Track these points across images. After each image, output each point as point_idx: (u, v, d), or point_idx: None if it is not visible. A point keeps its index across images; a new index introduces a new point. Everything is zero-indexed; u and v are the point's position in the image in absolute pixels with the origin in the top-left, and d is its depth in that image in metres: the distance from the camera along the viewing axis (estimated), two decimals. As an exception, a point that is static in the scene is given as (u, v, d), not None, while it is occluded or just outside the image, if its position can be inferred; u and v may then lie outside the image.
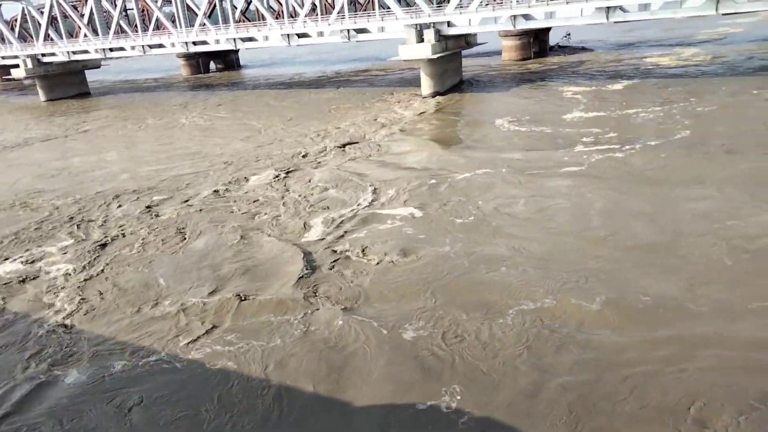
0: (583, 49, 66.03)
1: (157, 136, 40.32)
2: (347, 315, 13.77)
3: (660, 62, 49.49)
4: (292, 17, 53.53)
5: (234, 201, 23.45)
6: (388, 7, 46.90)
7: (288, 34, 51.65)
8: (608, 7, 38.73)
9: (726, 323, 12.21)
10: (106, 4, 63.83)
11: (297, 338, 13.07)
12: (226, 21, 56.82)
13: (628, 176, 21.75)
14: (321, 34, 50.76)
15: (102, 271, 17.81)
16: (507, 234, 17.55)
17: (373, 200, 21.66)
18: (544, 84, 44.92)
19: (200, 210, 22.67)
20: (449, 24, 44.10)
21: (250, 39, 54.68)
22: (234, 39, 55.02)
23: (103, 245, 19.89)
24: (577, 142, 26.85)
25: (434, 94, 43.96)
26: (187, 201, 23.99)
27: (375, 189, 22.89)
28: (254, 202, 23.16)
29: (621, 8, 38.68)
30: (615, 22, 40.77)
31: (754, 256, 14.78)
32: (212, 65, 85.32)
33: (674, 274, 14.27)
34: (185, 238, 19.91)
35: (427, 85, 44.54)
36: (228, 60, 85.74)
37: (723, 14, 37.55)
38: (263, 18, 55.33)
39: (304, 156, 29.95)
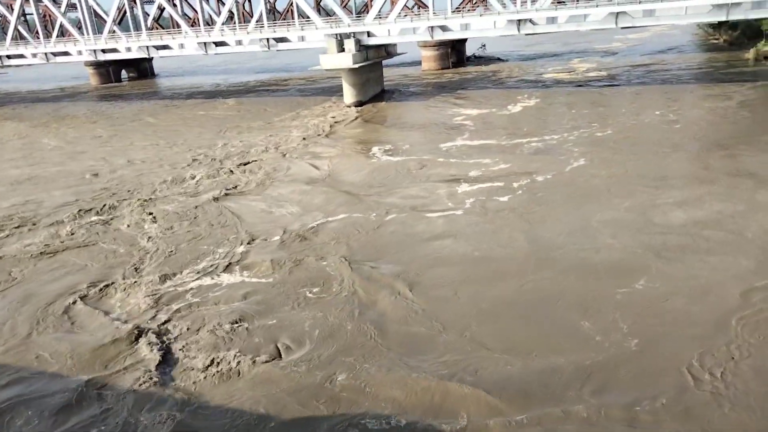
0: (498, 60, 68.99)
1: (23, 155, 35.66)
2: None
3: (562, 78, 50.96)
4: (209, 25, 52.20)
5: (63, 249, 19.38)
6: (308, 17, 46.84)
7: (205, 43, 50.30)
8: (519, 20, 40.70)
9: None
10: (1, 8, 59.48)
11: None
12: (137, 28, 54.48)
13: (504, 222, 18.84)
14: (239, 42, 49.83)
15: None
16: (357, 305, 14.26)
17: (235, 257, 17.61)
18: (458, 97, 45.23)
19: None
20: (369, 34, 44.64)
21: (165, 47, 52.73)
22: (147, 47, 52.85)
23: None
24: (464, 176, 23.93)
25: (357, 104, 44.27)
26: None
27: (243, 240, 18.91)
28: (91, 251, 18.99)
29: (531, 21, 40.78)
30: (526, 35, 42.87)
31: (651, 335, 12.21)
32: (124, 74, 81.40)
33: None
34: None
35: (349, 95, 44.78)
36: (141, 68, 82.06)
37: (622, 28, 40.48)
38: (178, 25, 53.56)
39: (192, 179, 26.67)
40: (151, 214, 22.26)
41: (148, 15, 55.19)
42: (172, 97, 58.87)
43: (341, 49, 43.74)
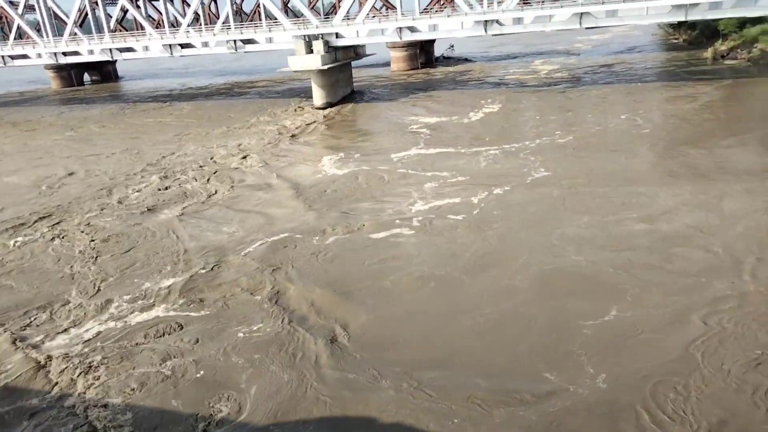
0: (466, 60, 69.68)
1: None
2: None
3: (526, 80, 50.52)
4: (174, 27, 51.30)
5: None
6: (275, 18, 46.43)
7: (170, 45, 49.43)
8: (486, 21, 41.15)
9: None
10: (-45, 11, 57.40)
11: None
12: (100, 30, 53.22)
13: (461, 242, 17.48)
14: (206, 44, 49.12)
15: None
16: (299, 348, 12.97)
17: (170, 288, 16.13)
18: (425, 99, 45.12)
19: None
20: (338, 35, 44.54)
21: (129, 49, 51.65)
22: (110, 49, 51.67)
23: None
24: (420, 190, 22.61)
25: (327, 105, 44.12)
26: None
27: (181, 267, 17.46)
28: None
29: (498, 22, 41.26)
30: (493, 35, 43.35)
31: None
32: (87, 77, 79.42)
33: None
34: None
35: (319, 96, 44.59)
36: (105, 72, 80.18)
37: (586, 28, 41.28)
38: (142, 27, 52.51)
39: (138, 193, 25.16)
40: (88, 235, 20.65)
41: (111, 17, 54.00)
42: (134, 101, 57.44)
43: (309, 51, 43.53)
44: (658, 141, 27.21)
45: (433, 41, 67.23)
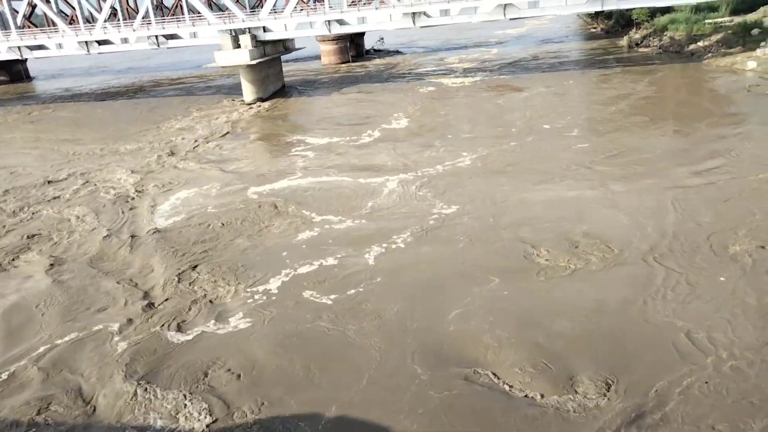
0: (396, 52, 70.15)
1: None
2: None
3: (449, 76, 48.60)
4: (90, 22, 48.60)
5: None
6: (199, 12, 44.93)
7: (87, 41, 46.85)
8: (414, 13, 41.53)
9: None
10: None
11: None
12: (5, 27, 49.68)
13: (328, 338, 12.72)
14: (125, 40, 46.88)
15: None
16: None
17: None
18: (349, 101, 44.24)
19: None
20: (265, 29, 43.68)
21: (41, 47, 48.56)
22: (19, 47, 48.39)
23: None
24: (294, 243, 17.84)
25: (257, 100, 43.30)
26: None
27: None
28: None
29: (425, 14, 41.74)
30: (421, 27, 43.79)
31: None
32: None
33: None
34: None
35: (249, 92, 43.66)
36: (14, 71, 74.75)
37: (510, 19, 42.45)
38: (54, 24, 49.38)
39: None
40: None
41: (17, 12, 50.41)
42: (44, 102, 53.55)
43: (237, 45, 42.53)
44: (590, 161, 23.26)
45: (363, 34, 67.25)
